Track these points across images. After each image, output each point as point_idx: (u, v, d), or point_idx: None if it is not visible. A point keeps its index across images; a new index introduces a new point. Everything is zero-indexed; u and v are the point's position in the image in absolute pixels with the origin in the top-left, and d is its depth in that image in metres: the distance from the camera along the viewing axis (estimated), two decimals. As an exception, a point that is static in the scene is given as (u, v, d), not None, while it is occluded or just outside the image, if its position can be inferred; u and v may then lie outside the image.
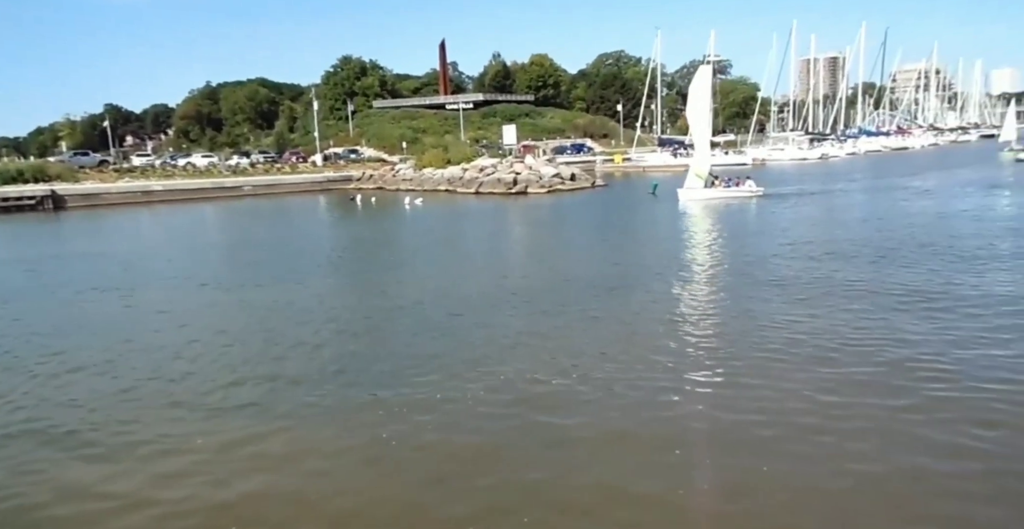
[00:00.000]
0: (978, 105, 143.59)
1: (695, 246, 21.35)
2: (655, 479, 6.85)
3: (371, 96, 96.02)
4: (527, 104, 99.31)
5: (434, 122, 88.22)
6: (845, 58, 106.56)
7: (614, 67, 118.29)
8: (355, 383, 9.76)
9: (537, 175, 47.65)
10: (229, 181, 55.86)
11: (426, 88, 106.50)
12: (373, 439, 7.96)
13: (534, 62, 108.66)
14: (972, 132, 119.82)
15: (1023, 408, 7.98)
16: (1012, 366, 9.29)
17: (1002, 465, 6.82)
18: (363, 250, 24.80)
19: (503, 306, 13.84)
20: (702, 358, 10.24)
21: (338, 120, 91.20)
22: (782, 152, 76.51)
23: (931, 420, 7.78)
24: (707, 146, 35.99)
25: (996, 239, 19.45)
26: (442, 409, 8.69)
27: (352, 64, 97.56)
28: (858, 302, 12.98)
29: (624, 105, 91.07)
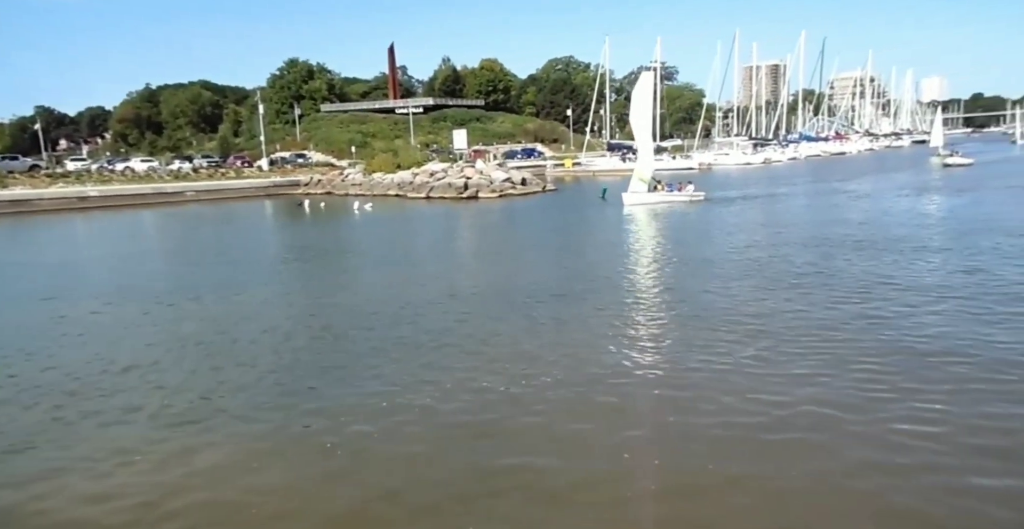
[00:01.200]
0: (910, 112, 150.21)
1: (641, 250, 21.56)
2: (605, 483, 6.84)
3: (319, 100, 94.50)
4: (477, 109, 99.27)
5: (384, 126, 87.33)
6: (786, 66, 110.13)
7: (563, 72, 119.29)
8: (297, 394, 9.49)
9: (488, 180, 47.60)
10: (171, 186, 54.08)
11: (375, 92, 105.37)
12: (318, 450, 7.74)
13: (484, 67, 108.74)
14: (905, 138, 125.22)
15: (968, 399, 8.26)
16: (958, 375, 9.63)
17: (944, 461, 7.03)
18: (310, 256, 24.25)
19: (452, 312, 13.69)
20: (648, 361, 10.31)
21: (285, 124, 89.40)
22: (727, 157, 78.41)
23: (874, 420, 8.00)
24: (650, 150, 36.52)
25: (927, 240, 20.28)
26: (389, 418, 8.51)
27: (299, 67, 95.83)
28: (798, 302, 13.30)
29: (574, 110, 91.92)
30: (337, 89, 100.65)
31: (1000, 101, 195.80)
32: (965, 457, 7.00)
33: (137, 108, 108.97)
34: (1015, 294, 13.19)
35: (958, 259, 16.97)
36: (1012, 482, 6.53)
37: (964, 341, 10.47)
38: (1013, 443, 7.27)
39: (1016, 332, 10.77)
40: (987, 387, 8.70)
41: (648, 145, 36.05)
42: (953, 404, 8.22)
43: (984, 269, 15.57)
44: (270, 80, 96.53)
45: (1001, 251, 17.79)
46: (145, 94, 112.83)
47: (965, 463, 6.90)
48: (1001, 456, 6.99)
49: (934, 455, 7.08)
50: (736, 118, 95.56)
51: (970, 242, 19.33)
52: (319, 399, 9.23)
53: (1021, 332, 10.77)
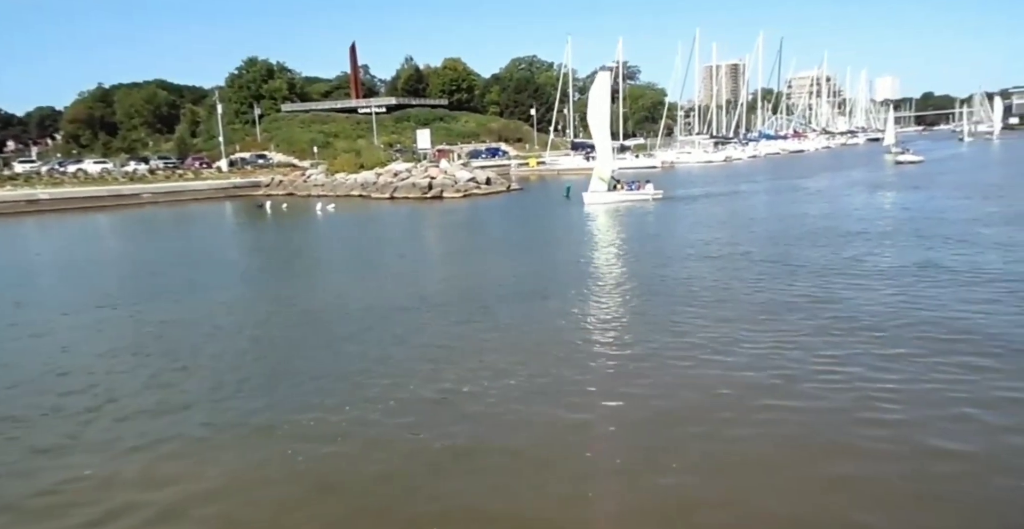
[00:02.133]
0: (864, 110, 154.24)
1: (604, 250, 21.65)
2: (565, 483, 6.87)
3: (279, 99, 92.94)
4: (441, 108, 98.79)
5: (346, 126, 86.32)
6: (745, 65, 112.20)
7: (527, 72, 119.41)
8: (254, 401, 9.33)
9: (452, 179, 47.46)
10: (126, 188, 52.66)
11: (337, 92, 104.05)
12: (279, 460, 7.60)
13: (447, 66, 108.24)
14: (860, 135, 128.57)
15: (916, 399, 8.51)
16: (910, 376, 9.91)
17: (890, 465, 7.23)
18: (272, 259, 23.89)
19: (414, 315, 13.61)
20: (608, 360, 10.37)
21: (244, 124, 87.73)
22: (689, 155, 79.50)
23: (820, 409, 8.18)
24: (609, 150, 36.65)
25: (880, 234, 20.83)
26: (352, 424, 8.42)
27: (258, 66, 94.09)
28: (757, 298, 13.55)
29: (537, 109, 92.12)
30: (298, 88, 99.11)
31: (949, 100, 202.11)
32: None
33: (90, 108, 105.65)
34: (960, 277, 13.66)
35: (909, 250, 17.47)
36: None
37: (917, 319, 10.80)
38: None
39: (963, 308, 11.15)
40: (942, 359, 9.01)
41: (607, 144, 36.20)
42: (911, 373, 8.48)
43: (931, 258, 16.07)
44: (229, 79, 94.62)
45: (949, 242, 18.38)
46: (98, 93, 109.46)
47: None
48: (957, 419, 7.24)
49: (897, 438, 7.27)
50: (697, 117, 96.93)
51: (920, 234, 19.92)
52: (277, 406, 9.08)
53: (967, 309, 11.15)
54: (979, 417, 7.81)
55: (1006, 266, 15.42)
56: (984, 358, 9.55)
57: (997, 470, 6.70)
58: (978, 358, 9.55)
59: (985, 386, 8.63)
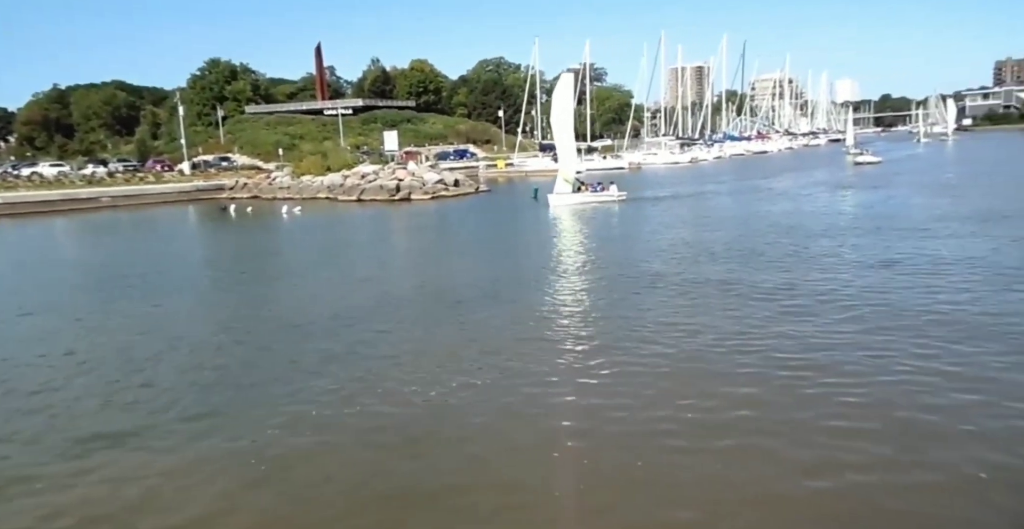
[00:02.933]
0: (825, 112, 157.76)
1: (572, 251, 21.67)
2: (535, 484, 6.86)
3: (243, 101, 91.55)
4: (408, 110, 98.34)
5: (312, 128, 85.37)
6: (710, 67, 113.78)
7: (494, 73, 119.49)
8: (217, 409, 9.13)
9: (420, 181, 47.23)
10: (84, 192, 51.27)
11: (302, 93, 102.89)
12: (239, 467, 7.45)
13: (414, 68, 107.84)
14: (822, 136, 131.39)
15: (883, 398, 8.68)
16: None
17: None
18: (235, 263, 23.47)
19: (381, 320, 13.46)
20: (575, 364, 10.34)
21: (207, 126, 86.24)
22: (656, 156, 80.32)
23: (799, 403, 8.30)
24: (573, 151, 36.54)
25: (841, 232, 21.27)
26: (316, 433, 8.28)
27: (221, 67, 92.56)
28: (720, 300, 13.70)
29: (505, 111, 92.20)
30: (262, 90, 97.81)
31: (906, 102, 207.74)
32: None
33: (45, 110, 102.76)
34: (916, 266, 14.02)
35: (869, 247, 17.87)
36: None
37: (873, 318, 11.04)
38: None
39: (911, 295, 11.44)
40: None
41: (570, 146, 36.09)
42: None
43: (890, 256, 16.46)
44: (190, 81, 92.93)
45: (906, 239, 18.84)
46: (54, 95, 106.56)
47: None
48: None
49: (861, 433, 7.41)
50: (664, 118, 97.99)
51: (878, 232, 20.40)
52: (240, 415, 8.90)
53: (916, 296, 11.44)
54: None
55: (959, 259, 15.86)
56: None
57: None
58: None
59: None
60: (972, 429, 7.48)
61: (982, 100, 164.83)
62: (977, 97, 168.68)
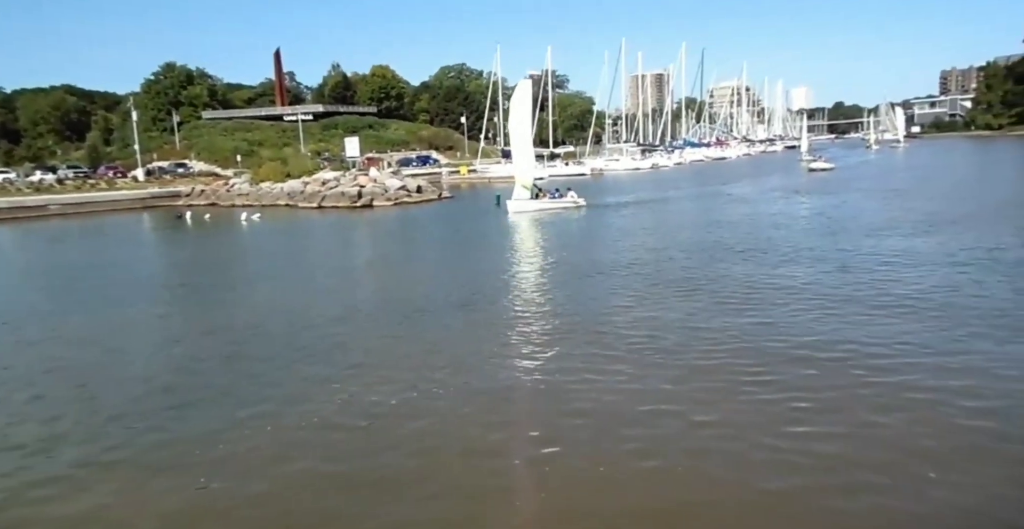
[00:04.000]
0: (782, 119, 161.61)
1: (534, 258, 21.60)
2: (496, 492, 6.80)
3: (199, 106, 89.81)
4: (370, 116, 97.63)
5: (271, 134, 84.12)
6: (669, 75, 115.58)
7: (457, 80, 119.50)
8: (164, 423, 8.85)
9: (383, 188, 46.88)
10: (31, 200, 49.62)
11: (261, 99, 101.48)
12: (190, 487, 7.21)
13: (375, 73, 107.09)
14: (778, 143, 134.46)
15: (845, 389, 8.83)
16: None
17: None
18: (190, 272, 22.91)
19: (340, 330, 13.27)
20: (535, 371, 10.31)
21: (162, 132, 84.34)
22: (617, 162, 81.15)
23: (757, 398, 8.40)
24: (531, 157, 36.34)
25: (795, 237, 21.72)
26: (269, 448, 8.08)
27: (176, 72, 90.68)
28: (675, 306, 13.84)
29: (468, 117, 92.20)
30: (220, 95, 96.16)
31: (858, 109, 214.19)
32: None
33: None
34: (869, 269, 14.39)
35: (824, 250, 18.29)
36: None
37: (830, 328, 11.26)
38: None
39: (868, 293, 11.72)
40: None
41: (528, 152, 35.88)
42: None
43: (841, 257, 16.87)
44: (144, 85, 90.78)
45: (856, 241, 19.35)
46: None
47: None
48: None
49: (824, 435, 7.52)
50: (625, 125, 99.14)
51: (832, 236, 20.90)
52: (191, 429, 8.64)
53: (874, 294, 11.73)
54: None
55: (910, 264, 16.33)
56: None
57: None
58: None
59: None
60: (922, 430, 7.67)
61: (929, 108, 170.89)
62: (925, 105, 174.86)
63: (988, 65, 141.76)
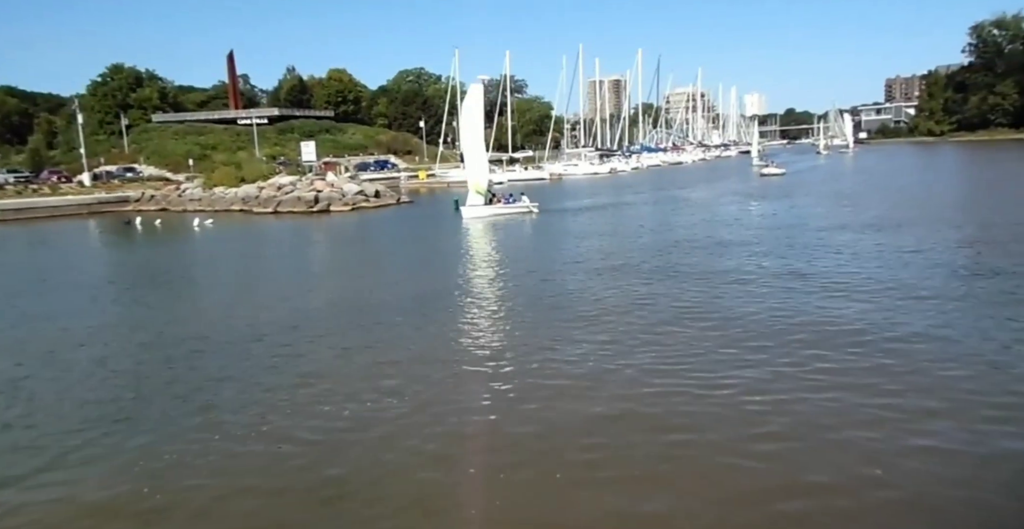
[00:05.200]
0: (736, 125, 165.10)
1: (485, 265, 21.33)
2: (451, 500, 6.73)
3: (149, 109, 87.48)
4: (327, 120, 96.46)
5: (225, 138, 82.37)
6: (627, 81, 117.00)
7: (415, 84, 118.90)
8: (108, 437, 8.54)
9: (340, 192, 46.35)
10: (-32, 206, 47.59)
11: (214, 102, 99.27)
12: (133, 501, 6.97)
13: (332, 77, 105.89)
14: (733, 148, 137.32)
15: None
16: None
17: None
18: (138, 280, 22.22)
19: (292, 340, 13.01)
20: (489, 380, 10.21)
21: (110, 135, 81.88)
22: (576, 167, 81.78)
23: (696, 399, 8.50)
24: (484, 162, 36.01)
25: (749, 240, 22.17)
26: (219, 463, 7.86)
27: (125, 73, 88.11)
28: (628, 309, 13.97)
29: (427, 121, 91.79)
30: (171, 98, 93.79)
31: (809, 116, 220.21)
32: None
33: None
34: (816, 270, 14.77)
35: (774, 255, 18.70)
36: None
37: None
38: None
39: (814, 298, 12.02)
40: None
41: (481, 157, 35.53)
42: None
43: (791, 262, 17.28)
44: (91, 87, 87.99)
45: (806, 245, 19.85)
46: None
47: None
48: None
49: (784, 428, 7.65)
50: (583, 130, 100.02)
51: (782, 239, 21.41)
52: (132, 442, 8.35)
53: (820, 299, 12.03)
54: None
55: (855, 267, 16.82)
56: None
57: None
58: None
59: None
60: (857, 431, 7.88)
61: (875, 115, 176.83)
62: (871, 112, 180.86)
63: (930, 74, 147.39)
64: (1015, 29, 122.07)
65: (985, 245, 19.18)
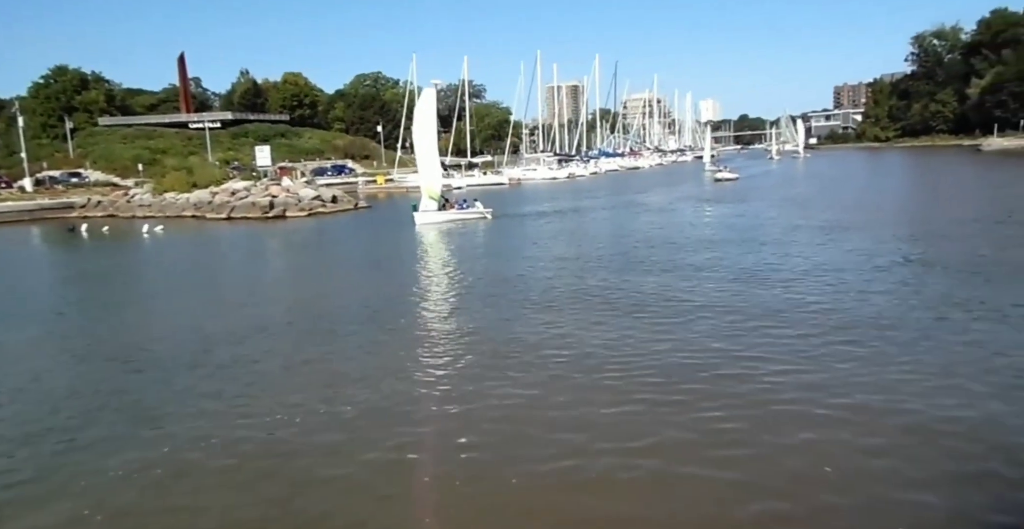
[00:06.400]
0: (691, 130, 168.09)
1: (439, 272, 21.07)
2: (404, 508, 6.64)
3: (96, 112, 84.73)
4: (282, 124, 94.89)
5: (176, 142, 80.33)
6: (584, 86, 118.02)
7: (372, 88, 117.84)
8: (44, 455, 8.20)
9: (296, 198, 45.55)
10: (-103, 213, 45.33)
11: (165, 105, 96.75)
12: (76, 520, 6.69)
13: (287, 80, 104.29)
14: (688, 153, 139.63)
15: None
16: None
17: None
18: (83, 289, 21.47)
19: (244, 349, 12.73)
20: (443, 388, 10.18)
21: (53, 139, 79.01)
22: (535, 172, 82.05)
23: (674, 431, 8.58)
24: (436, 167, 35.59)
25: (703, 249, 22.56)
26: (166, 480, 7.61)
27: (69, 75, 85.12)
28: (578, 314, 14.05)
29: (384, 126, 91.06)
30: (118, 101, 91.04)
31: (762, 122, 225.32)
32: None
33: None
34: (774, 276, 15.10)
35: (729, 257, 19.06)
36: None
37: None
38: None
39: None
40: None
41: (434, 162, 35.14)
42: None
43: (743, 264, 17.64)
44: (32, 89, 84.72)
45: (761, 246, 20.29)
46: None
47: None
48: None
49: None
50: (542, 135, 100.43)
51: (735, 243, 21.85)
52: (74, 459, 8.05)
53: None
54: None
55: (808, 265, 17.27)
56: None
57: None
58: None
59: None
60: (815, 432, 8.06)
61: (825, 121, 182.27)
62: (820, 118, 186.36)
63: (875, 82, 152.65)
64: (953, 40, 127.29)
65: (929, 243, 19.93)
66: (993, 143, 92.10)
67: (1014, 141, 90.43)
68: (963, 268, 16.50)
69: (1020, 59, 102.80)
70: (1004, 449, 7.32)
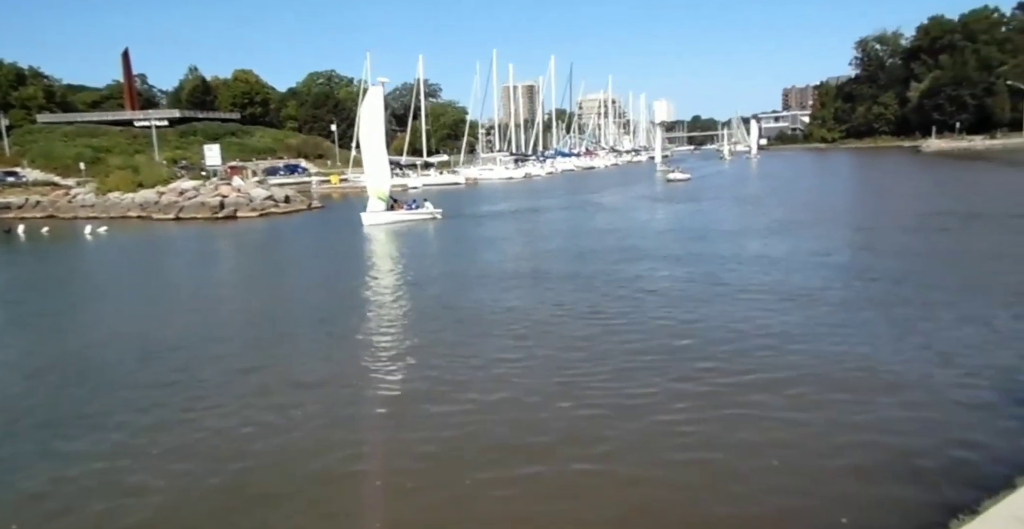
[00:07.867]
0: (645, 131, 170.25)
1: (388, 275, 20.88)
2: (356, 511, 6.53)
3: (34, 109, 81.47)
4: (233, 122, 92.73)
5: (120, 140, 77.75)
6: (540, 87, 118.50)
7: (326, 86, 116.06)
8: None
9: (247, 198, 44.61)
10: None
11: (109, 102, 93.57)
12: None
13: (238, 78, 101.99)
14: (643, 154, 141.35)
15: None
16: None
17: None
18: (15, 293, 20.57)
19: (189, 355, 12.39)
20: (393, 390, 10.15)
21: (-12, 137, 75.63)
22: (492, 172, 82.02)
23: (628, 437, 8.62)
24: (384, 166, 35.03)
25: (656, 245, 22.89)
26: (113, 495, 7.34)
27: (4, 70, 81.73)
28: (530, 319, 14.10)
29: (339, 125, 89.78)
30: (59, 97, 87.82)
31: (714, 123, 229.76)
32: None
33: None
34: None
35: (680, 259, 19.38)
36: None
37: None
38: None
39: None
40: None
41: (382, 162, 34.52)
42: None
43: (694, 263, 17.96)
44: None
45: (713, 244, 20.69)
46: None
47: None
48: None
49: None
50: (498, 135, 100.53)
51: (686, 240, 22.23)
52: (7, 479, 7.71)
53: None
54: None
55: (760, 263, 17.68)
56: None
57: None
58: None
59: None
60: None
61: (774, 122, 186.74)
62: (770, 120, 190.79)
63: (821, 85, 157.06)
64: (895, 45, 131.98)
65: (875, 238, 20.63)
66: (932, 145, 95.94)
67: (951, 143, 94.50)
68: (899, 258, 17.11)
69: (956, 64, 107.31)
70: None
